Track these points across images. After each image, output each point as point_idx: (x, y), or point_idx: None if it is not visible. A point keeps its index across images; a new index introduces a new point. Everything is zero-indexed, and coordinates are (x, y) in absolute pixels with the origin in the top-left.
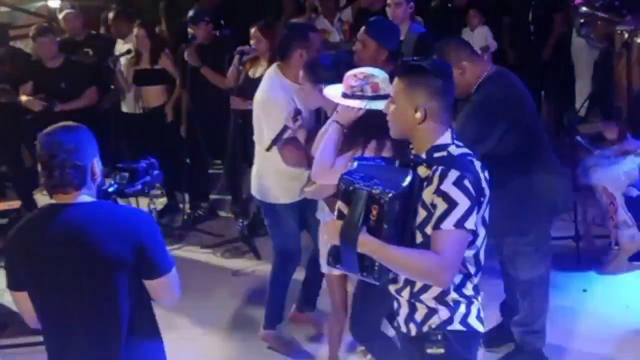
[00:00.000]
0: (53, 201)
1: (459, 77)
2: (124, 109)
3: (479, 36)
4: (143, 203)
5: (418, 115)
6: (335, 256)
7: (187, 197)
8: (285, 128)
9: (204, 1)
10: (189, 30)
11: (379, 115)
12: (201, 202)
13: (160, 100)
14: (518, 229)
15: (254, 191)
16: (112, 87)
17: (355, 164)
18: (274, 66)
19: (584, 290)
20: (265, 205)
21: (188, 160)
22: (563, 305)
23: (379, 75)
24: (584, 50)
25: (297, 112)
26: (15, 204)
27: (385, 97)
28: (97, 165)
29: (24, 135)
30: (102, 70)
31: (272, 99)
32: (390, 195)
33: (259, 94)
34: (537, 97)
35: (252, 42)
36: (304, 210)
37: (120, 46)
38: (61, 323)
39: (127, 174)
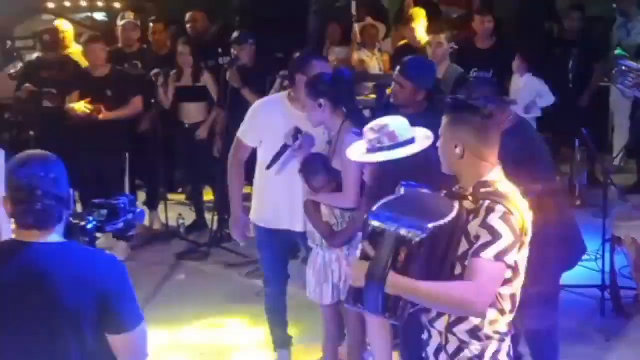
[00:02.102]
0: (14, 236)
1: None
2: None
3: (527, 86)
4: (172, 219)
5: (457, 151)
6: (356, 296)
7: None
8: (285, 147)
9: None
10: (232, 51)
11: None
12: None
13: (200, 117)
14: (530, 279)
15: None
16: (152, 101)
17: (402, 190)
18: (284, 92)
19: (607, 340)
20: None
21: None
22: (585, 354)
23: (394, 122)
24: (622, 100)
25: (297, 132)
26: None
27: (405, 143)
28: (72, 197)
29: (64, 140)
30: (146, 83)
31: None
32: (419, 238)
33: None
34: (572, 146)
35: None
36: (292, 239)
37: None
38: None
39: (105, 211)
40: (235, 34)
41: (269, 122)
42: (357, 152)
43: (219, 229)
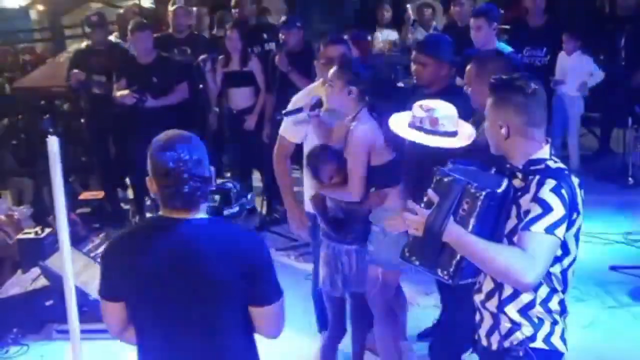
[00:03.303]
0: (162, 214)
1: (487, 94)
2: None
3: (577, 64)
4: None
5: (503, 131)
6: (412, 248)
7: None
8: (300, 109)
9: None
10: (280, 35)
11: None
12: (278, 205)
13: (247, 103)
14: None
15: None
16: (200, 86)
17: (450, 165)
18: (317, 82)
19: None
20: None
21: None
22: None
23: (442, 110)
24: None
25: (318, 104)
26: (99, 194)
27: (444, 134)
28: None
29: (112, 127)
30: (193, 69)
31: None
32: (485, 192)
33: None
34: (624, 124)
35: None
36: None
37: None
38: (160, 340)
39: (218, 196)
40: (282, 18)
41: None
42: (400, 122)
43: (268, 212)
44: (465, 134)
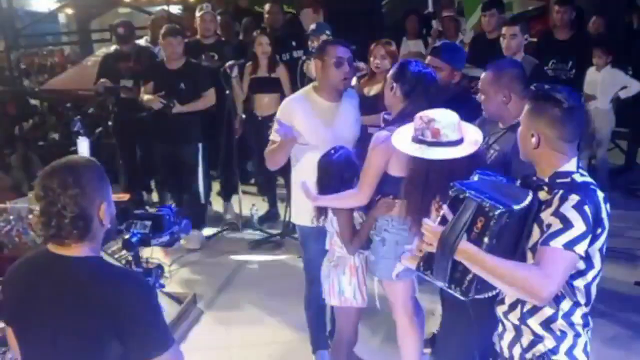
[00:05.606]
0: (50, 247)
1: (501, 102)
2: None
3: (608, 79)
4: (245, 209)
5: (533, 140)
6: (427, 263)
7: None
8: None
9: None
10: (309, 42)
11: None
12: None
13: (272, 109)
14: None
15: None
16: (227, 92)
17: (477, 177)
18: (310, 85)
19: None
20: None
21: None
22: None
23: (442, 119)
24: None
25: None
26: (124, 197)
27: (448, 144)
28: (106, 211)
29: (138, 131)
30: (220, 74)
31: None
32: (499, 211)
33: None
34: None
35: (374, 59)
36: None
37: None
38: None
39: (149, 222)
40: (312, 26)
41: (294, 119)
42: (403, 139)
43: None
44: (470, 141)
